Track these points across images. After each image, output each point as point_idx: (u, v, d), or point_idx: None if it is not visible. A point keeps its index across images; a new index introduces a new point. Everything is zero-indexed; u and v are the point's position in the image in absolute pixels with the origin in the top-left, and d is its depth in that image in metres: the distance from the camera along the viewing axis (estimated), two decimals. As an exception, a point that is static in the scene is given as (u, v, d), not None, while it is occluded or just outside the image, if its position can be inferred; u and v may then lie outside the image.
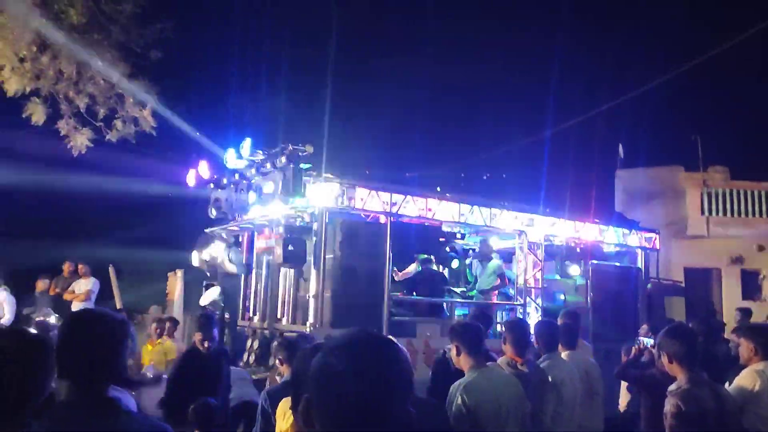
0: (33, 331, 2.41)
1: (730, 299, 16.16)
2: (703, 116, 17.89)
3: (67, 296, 10.77)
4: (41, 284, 11.08)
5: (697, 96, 16.16)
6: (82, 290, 10.76)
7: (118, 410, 2.03)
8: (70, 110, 10.60)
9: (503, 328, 5.89)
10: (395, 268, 9.39)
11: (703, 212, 16.42)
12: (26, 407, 1.71)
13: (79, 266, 11.07)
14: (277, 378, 5.27)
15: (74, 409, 1.94)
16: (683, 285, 15.63)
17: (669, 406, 3.68)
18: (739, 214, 16.24)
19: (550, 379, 5.13)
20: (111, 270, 12.53)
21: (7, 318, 9.73)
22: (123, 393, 2.69)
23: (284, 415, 3.53)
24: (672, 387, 3.85)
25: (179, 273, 13.25)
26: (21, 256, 12.45)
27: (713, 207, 16.41)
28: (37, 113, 10.44)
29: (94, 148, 10.66)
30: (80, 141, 10.67)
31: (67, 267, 11.23)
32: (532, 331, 5.56)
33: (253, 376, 7.52)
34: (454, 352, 4.23)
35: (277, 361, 4.80)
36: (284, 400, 3.78)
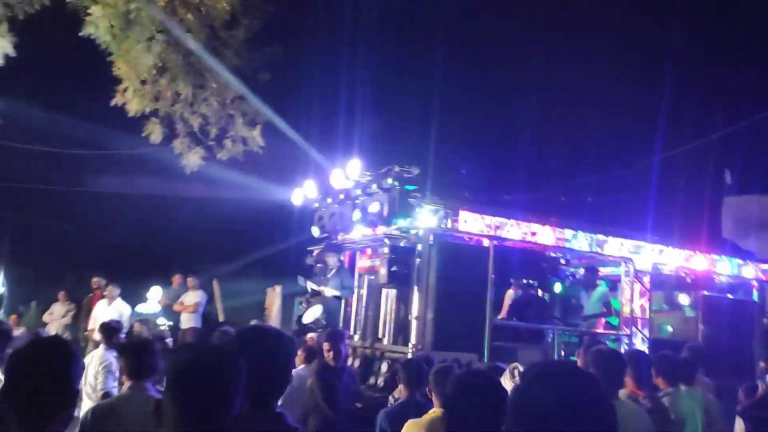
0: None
1: None
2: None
3: (176, 307, 11.26)
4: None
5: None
6: (191, 302, 11.21)
7: (286, 425, 2.13)
8: (184, 130, 11.11)
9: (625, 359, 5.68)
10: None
11: (822, 244, 15.28)
12: (228, 417, 1.78)
13: (189, 279, 11.55)
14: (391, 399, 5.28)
15: (252, 421, 2.03)
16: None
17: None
18: None
19: (672, 416, 4.88)
20: (215, 283, 13.00)
21: (125, 326, 10.26)
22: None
23: (411, 437, 3.53)
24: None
25: (278, 288, 13.57)
26: (132, 267, 13.13)
27: (834, 238, 15.24)
28: (155, 132, 11.00)
29: (205, 166, 11.13)
30: (193, 159, 11.15)
31: (176, 279, 11.75)
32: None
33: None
34: None
35: (399, 382, 4.82)
36: (410, 422, 3.78)
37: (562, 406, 1.34)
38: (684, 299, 10.20)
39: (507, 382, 4.22)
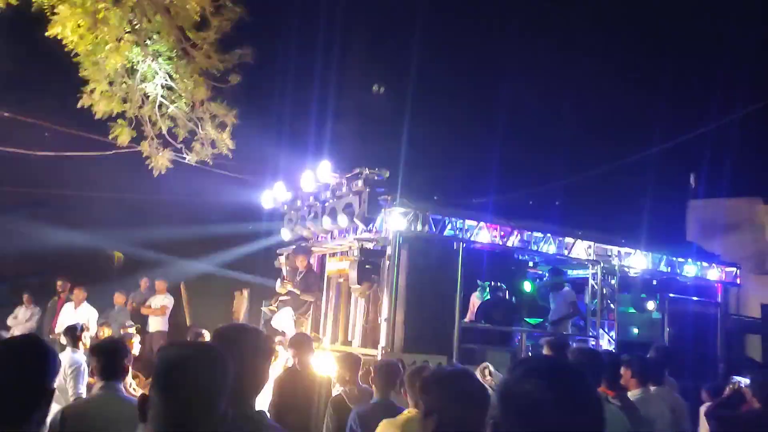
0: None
1: (811, 339, 15.32)
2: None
3: (144, 311, 11.09)
4: (119, 298, 11.45)
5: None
6: (158, 305, 11.06)
7: (265, 423, 2.10)
8: (152, 132, 10.95)
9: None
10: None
11: (783, 246, 15.72)
12: (214, 415, 1.75)
13: (156, 282, 11.39)
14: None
15: (231, 420, 1.98)
16: (760, 322, 14.92)
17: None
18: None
19: (641, 415, 4.95)
20: (182, 287, 12.84)
21: (92, 330, 10.08)
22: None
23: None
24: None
25: (245, 292, 13.46)
26: (98, 270, 12.90)
27: (794, 241, 15.70)
28: (122, 135, 10.81)
29: (173, 168, 10.99)
30: (161, 162, 10.99)
31: (144, 283, 11.58)
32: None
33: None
34: None
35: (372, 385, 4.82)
36: (385, 422, 3.78)
37: (557, 400, 1.33)
38: (650, 301, 10.36)
39: None
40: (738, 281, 11.38)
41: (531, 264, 10.43)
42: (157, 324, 11.03)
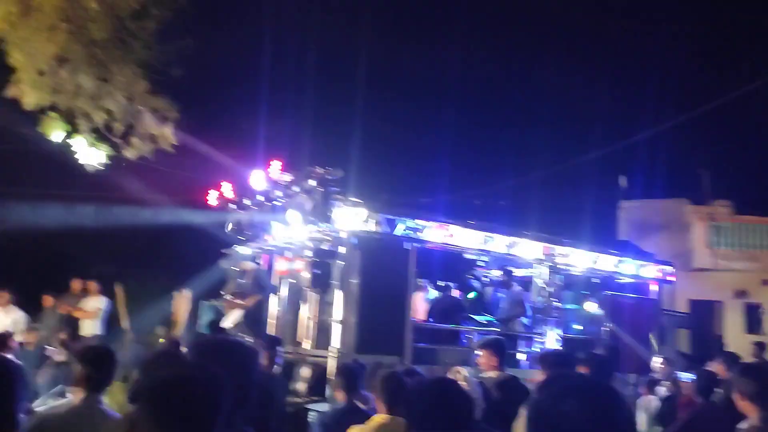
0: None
1: (733, 332, 16.20)
2: (708, 150, 18.14)
3: (76, 314, 10.55)
4: (48, 301, 10.86)
5: (702, 130, 16.43)
6: (92, 308, 10.54)
7: None
8: (87, 126, 10.45)
9: (539, 358, 5.88)
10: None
11: (708, 245, 16.52)
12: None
13: (89, 284, 10.85)
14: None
15: None
16: (688, 317, 15.65)
17: (740, 443, 3.64)
18: (745, 248, 16.37)
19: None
20: (118, 289, 12.28)
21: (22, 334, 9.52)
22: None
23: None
24: (742, 425, 3.81)
25: (186, 293, 13.01)
26: (27, 272, 12.23)
27: (719, 240, 16.53)
28: (53, 128, 10.28)
29: (111, 165, 10.53)
30: (95, 157, 10.51)
31: (76, 285, 11.01)
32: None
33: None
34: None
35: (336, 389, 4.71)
36: (354, 428, 3.69)
37: (594, 420, 1.33)
38: (591, 298, 10.66)
39: None
40: (672, 279, 11.86)
41: (480, 263, 10.53)
42: (90, 327, 10.51)
